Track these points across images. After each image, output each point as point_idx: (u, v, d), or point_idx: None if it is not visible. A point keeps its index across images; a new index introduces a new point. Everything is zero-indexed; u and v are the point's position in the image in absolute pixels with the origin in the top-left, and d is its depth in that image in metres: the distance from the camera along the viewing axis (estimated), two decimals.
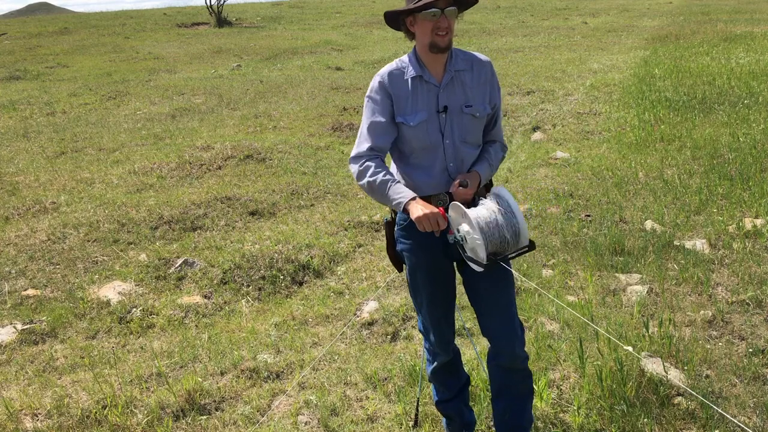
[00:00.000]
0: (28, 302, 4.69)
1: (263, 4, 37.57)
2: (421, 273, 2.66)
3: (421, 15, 2.42)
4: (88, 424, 3.24)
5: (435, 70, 2.54)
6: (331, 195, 6.68)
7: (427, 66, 2.54)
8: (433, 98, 2.53)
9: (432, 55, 2.50)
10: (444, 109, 2.53)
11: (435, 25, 2.43)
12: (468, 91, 2.57)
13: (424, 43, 2.49)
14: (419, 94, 2.53)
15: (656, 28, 21.37)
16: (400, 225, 2.67)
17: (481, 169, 2.60)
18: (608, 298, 4.16)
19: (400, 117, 2.52)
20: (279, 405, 3.35)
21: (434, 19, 2.42)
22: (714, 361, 3.40)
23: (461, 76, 2.57)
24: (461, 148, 2.57)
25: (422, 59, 2.54)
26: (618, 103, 10.02)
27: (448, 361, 2.84)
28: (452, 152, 2.56)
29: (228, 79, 15.22)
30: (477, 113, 2.57)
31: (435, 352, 2.83)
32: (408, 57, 2.58)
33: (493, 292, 2.61)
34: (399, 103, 2.52)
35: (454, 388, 2.92)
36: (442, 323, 2.75)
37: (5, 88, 15.31)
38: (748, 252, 4.57)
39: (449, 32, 2.45)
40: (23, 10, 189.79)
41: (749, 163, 6.30)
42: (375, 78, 2.57)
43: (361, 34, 24.37)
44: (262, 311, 4.44)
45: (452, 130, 2.55)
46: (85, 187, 7.32)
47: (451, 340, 2.82)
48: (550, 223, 5.43)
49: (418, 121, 2.51)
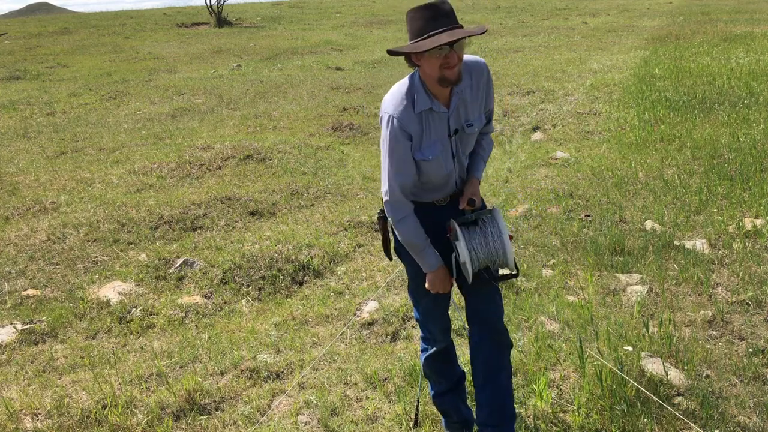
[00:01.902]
0: (28, 302, 4.69)
1: (263, 4, 37.56)
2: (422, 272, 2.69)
3: (428, 52, 2.31)
4: (88, 424, 3.24)
5: (443, 98, 2.48)
6: (331, 195, 6.68)
7: (435, 95, 2.45)
8: (443, 125, 2.51)
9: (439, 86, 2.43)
10: (455, 132, 2.54)
11: (443, 62, 2.31)
12: (468, 108, 2.55)
13: (432, 77, 2.38)
14: (431, 125, 2.48)
15: (656, 28, 21.37)
16: None
17: (479, 172, 2.72)
18: (608, 298, 4.16)
19: (419, 154, 2.47)
20: (279, 405, 3.35)
21: (442, 54, 2.30)
22: (714, 361, 3.40)
23: (463, 94, 2.52)
24: (464, 160, 2.66)
25: (429, 89, 2.45)
26: (618, 103, 10.02)
27: (445, 347, 2.90)
28: (459, 167, 2.64)
29: (228, 79, 15.22)
30: (476, 129, 2.61)
31: (434, 339, 2.89)
32: (414, 83, 2.46)
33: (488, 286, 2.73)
34: (416, 141, 2.47)
35: (450, 378, 2.95)
36: (444, 315, 2.86)
37: (5, 88, 15.31)
38: (748, 252, 4.57)
39: (459, 63, 2.35)
40: (23, 10, 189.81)
41: (749, 163, 6.30)
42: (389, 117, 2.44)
43: (361, 34, 24.37)
44: (262, 311, 4.44)
45: (458, 148, 2.59)
46: (85, 187, 7.32)
47: (449, 327, 2.92)
48: (550, 223, 5.43)
49: (435, 153, 2.50)
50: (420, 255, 2.60)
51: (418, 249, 2.59)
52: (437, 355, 2.90)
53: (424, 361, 2.93)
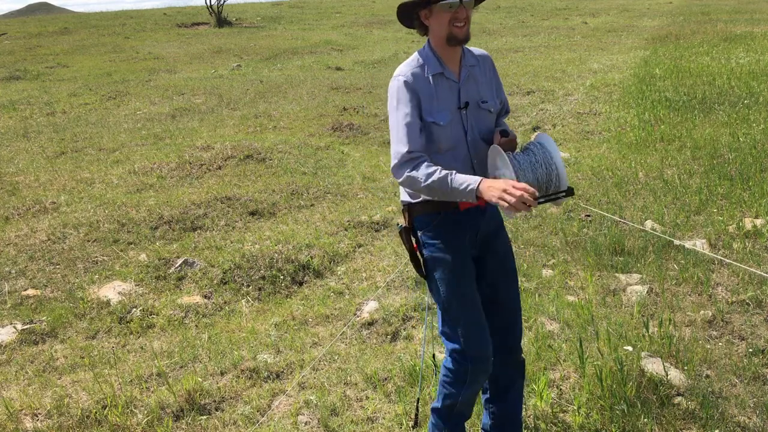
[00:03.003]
0: (28, 302, 4.69)
1: (263, 4, 37.56)
2: (460, 276, 2.52)
3: (438, 6, 2.34)
4: (88, 424, 3.24)
5: (453, 66, 2.48)
6: (331, 195, 6.68)
7: (445, 62, 2.46)
8: (454, 95, 2.47)
9: (449, 49, 2.44)
10: (465, 105, 2.48)
11: (453, 16, 2.35)
12: (480, 87, 2.54)
13: (440, 36, 2.41)
14: (441, 91, 2.45)
15: (656, 28, 21.37)
16: (427, 227, 2.53)
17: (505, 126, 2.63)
18: (608, 298, 4.16)
19: (430, 117, 2.41)
20: (279, 405, 3.35)
21: (452, 10, 2.34)
22: (714, 361, 3.40)
23: (473, 71, 2.53)
24: (481, 144, 2.52)
25: (439, 54, 2.46)
26: (618, 103, 10.02)
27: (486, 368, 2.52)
28: (474, 148, 2.51)
29: (228, 79, 15.22)
30: (492, 108, 2.55)
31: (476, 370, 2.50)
32: (423, 54, 2.48)
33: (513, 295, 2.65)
34: (425, 103, 2.42)
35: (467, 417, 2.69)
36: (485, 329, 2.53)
37: (5, 88, 15.31)
38: (748, 252, 4.57)
39: (467, 23, 2.38)
40: (23, 10, 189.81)
41: (749, 163, 6.30)
42: (397, 78, 2.44)
43: (361, 34, 24.36)
44: (262, 311, 4.44)
45: (472, 126, 2.50)
46: (85, 187, 7.32)
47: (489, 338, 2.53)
48: (550, 223, 5.43)
49: (447, 120, 2.44)
50: (455, 186, 2.27)
51: (447, 183, 2.27)
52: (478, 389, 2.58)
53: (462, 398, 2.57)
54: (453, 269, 2.51)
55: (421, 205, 2.52)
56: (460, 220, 2.52)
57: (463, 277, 2.52)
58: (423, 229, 2.54)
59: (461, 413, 2.66)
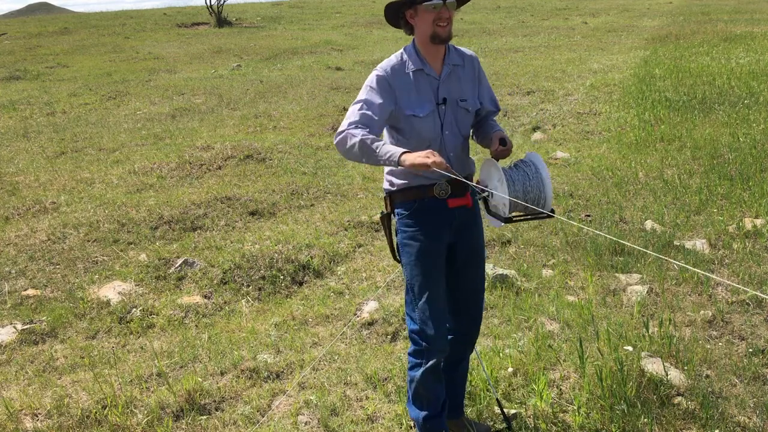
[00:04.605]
0: (28, 302, 4.69)
1: (263, 4, 37.56)
2: (425, 260, 2.63)
3: (422, 6, 2.49)
4: (88, 424, 3.24)
5: (434, 64, 2.61)
6: (331, 195, 6.68)
7: (427, 59, 2.60)
8: (433, 91, 2.61)
9: (432, 47, 2.57)
10: (443, 101, 2.60)
11: (437, 16, 2.50)
12: (462, 86, 2.66)
13: (425, 35, 2.55)
14: (421, 86, 2.59)
15: (656, 28, 21.37)
16: (403, 214, 2.67)
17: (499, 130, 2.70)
18: (608, 298, 4.16)
19: (409, 110, 2.57)
20: (279, 405, 3.35)
21: (435, 10, 2.49)
22: (714, 361, 3.40)
23: (457, 70, 2.66)
24: (458, 139, 2.66)
25: (422, 53, 2.61)
26: (618, 103, 10.02)
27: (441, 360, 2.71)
28: (450, 143, 2.64)
29: (228, 79, 15.22)
30: (470, 107, 2.68)
31: (430, 351, 2.66)
32: (407, 51, 2.63)
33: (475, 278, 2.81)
34: (403, 96, 2.57)
35: (440, 397, 2.76)
36: (443, 311, 2.69)
37: (5, 88, 15.31)
38: (748, 252, 4.57)
39: (449, 23, 2.52)
40: (23, 10, 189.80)
41: (749, 163, 6.30)
42: (375, 71, 2.61)
43: (361, 34, 24.37)
44: (262, 311, 4.44)
45: (450, 122, 2.63)
46: (85, 187, 7.32)
47: (447, 332, 2.74)
48: (550, 223, 5.43)
49: (426, 111, 2.57)
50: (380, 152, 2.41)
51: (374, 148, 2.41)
52: (434, 370, 2.69)
53: (420, 377, 2.70)
54: (420, 254, 2.64)
55: (401, 193, 2.67)
56: (436, 208, 2.63)
57: (428, 262, 2.65)
58: (400, 215, 2.69)
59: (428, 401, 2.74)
